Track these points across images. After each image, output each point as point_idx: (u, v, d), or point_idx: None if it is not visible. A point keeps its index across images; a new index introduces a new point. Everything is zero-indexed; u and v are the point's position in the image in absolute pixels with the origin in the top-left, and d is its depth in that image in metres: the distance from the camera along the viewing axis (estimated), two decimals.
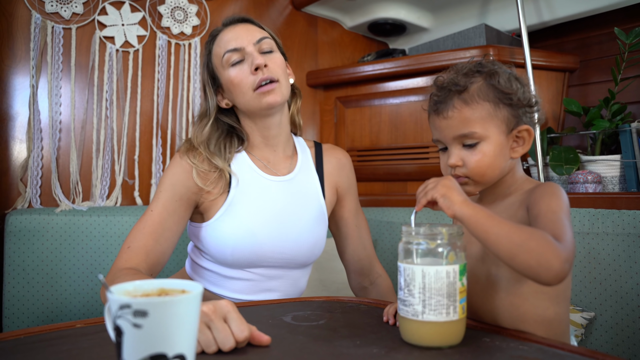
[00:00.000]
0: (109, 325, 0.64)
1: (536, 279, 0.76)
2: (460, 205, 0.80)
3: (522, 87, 0.93)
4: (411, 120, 2.00)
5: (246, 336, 0.76)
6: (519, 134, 0.93)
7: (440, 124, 0.94)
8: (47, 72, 1.77)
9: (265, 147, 1.33)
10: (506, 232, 0.76)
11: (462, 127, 0.91)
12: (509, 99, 0.91)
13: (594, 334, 1.37)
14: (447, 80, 0.94)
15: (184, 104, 2.01)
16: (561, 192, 0.86)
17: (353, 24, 2.41)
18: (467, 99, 0.91)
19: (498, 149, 0.91)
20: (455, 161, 0.93)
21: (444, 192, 0.82)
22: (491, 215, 0.78)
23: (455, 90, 0.92)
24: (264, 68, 1.23)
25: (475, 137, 0.90)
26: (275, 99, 1.24)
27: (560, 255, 0.74)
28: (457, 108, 0.91)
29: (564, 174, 1.73)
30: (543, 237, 0.76)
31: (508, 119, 0.91)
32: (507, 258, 0.77)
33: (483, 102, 0.90)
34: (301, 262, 1.32)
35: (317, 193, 1.36)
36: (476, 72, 0.93)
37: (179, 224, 1.22)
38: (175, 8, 2.00)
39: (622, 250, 1.35)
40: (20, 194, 1.73)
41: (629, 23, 1.88)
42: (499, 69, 0.93)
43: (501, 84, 0.91)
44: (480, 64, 0.95)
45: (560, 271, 0.74)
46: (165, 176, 1.25)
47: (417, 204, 0.87)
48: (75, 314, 1.67)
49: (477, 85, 0.91)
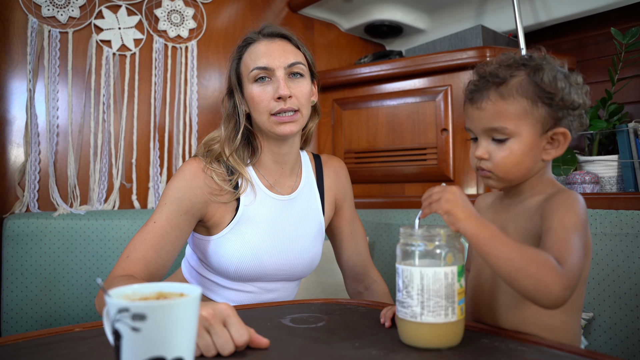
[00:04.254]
0: (107, 329, 0.64)
1: (534, 302, 0.76)
2: (464, 222, 0.78)
3: (569, 88, 0.87)
4: (408, 122, 2.00)
5: (245, 340, 0.76)
6: (554, 136, 0.88)
7: (473, 113, 0.90)
8: (44, 76, 1.77)
9: (273, 164, 1.30)
10: (507, 254, 0.75)
11: (494, 121, 0.87)
12: (550, 99, 0.86)
13: (593, 334, 1.37)
14: (489, 70, 0.90)
15: (181, 107, 2.01)
16: (578, 205, 0.83)
17: (350, 26, 2.42)
18: (504, 93, 0.87)
19: (528, 148, 0.87)
20: (481, 153, 0.89)
21: (447, 209, 0.80)
22: (494, 235, 0.77)
23: (493, 82, 0.88)
24: (287, 99, 1.20)
25: (505, 132, 0.86)
26: (292, 129, 1.22)
27: (560, 282, 0.73)
28: (491, 100, 0.87)
29: (562, 174, 1.73)
30: (544, 262, 0.74)
31: (545, 119, 0.87)
32: (507, 280, 0.76)
33: (520, 98, 0.86)
34: (299, 276, 1.35)
35: (317, 210, 1.37)
36: (521, 65, 0.88)
37: (181, 238, 1.19)
38: (172, 11, 2.01)
39: (620, 251, 1.35)
40: (18, 198, 1.73)
41: (625, 23, 1.89)
42: (546, 65, 0.88)
43: (544, 81, 0.86)
44: (530, 57, 0.90)
45: (559, 298, 0.73)
46: (173, 187, 1.20)
47: (422, 211, 0.85)
48: (74, 318, 1.67)
49: (517, 80, 0.87)
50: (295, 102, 1.22)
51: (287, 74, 1.23)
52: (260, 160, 1.30)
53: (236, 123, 1.27)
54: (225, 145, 1.26)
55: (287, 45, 1.25)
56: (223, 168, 1.24)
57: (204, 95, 2.08)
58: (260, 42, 1.25)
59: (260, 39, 1.26)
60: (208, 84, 2.09)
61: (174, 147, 2.00)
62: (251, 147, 1.30)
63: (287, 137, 1.24)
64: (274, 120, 1.21)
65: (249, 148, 1.30)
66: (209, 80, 2.09)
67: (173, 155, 2.00)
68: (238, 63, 1.28)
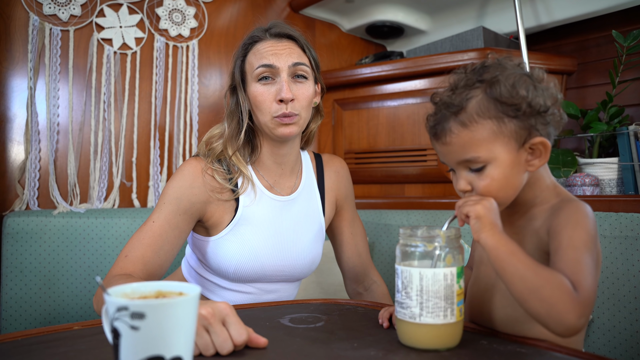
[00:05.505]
0: (106, 328, 0.64)
1: (545, 327, 0.73)
2: (487, 234, 0.76)
3: (533, 92, 0.80)
4: (409, 123, 2.00)
5: (244, 340, 0.76)
6: (533, 147, 0.82)
7: (441, 149, 0.85)
8: (44, 74, 1.77)
9: (272, 164, 1.30)
10: (522, 273, 0.73)
11: (464, 153, 0.81)
12: (516, 110, 0.79)
13: (592, 336, 1.37)
14: (442, 100, 0.84)
15: (182, 106, 2.01)
16: (587, 220, 0.79)
17: (351, 27, 2.42)
18: (464, 121, 0.80)
19: (509, 169, 0.81)
20: (463, 187, 0.84)
21: (480, 214, 0.77)
22: (513, 251, 0.75)
23: (450, 112, 0.82)
24: (289, 103, 1.20)
25: (479, 161, 0.81)
26: (291, 131, 1.22)
27: (574, 310, 0.70)
28: (454, 132, 0.81)
29: (562, 176, 1.73)
30: (560, 287, 0.71)
31: (517, 133, 0.80)
32: (519, 301, 0.74)
33: (484, 121, 0.80)
34: (299, 277, 1.34)
35: (317, 211, 1.36)
36: (475, 82, 0.82)
37: (180, 238, 1.19)
38: (173, 10, 2.01)
39: (619, 253, 1.35)
40: (18, 196, 1.73)
41: (626, 26, 1.89)
42: (501, 75, 0.81)
43: (503, 94, 0.79)
44: (482, 66, 0.84)
45: (572, 327, 0.70)
46: (172, 187, 1.20)
47: (456, 213, 0.82)
48: (73, 316, 1.67)
49: (475, 102, 0.81)
50: (296, 105, 1.21)
51: (291, 76, 1.22)
52: (260, 160, 1.30)
53: (239, 121, 1.27)
54: (229, 144, 1.26)
55: (294, 46, 1.25)
56: (224, 167, 1.24)
57: (204, 95, 2.08)
58: (267, 41, 1.24)
59: (267, 38, 1.25)
60: (209, 83, 2.09)
61: (174, 146, 2.00)
62: (251, 146, 1.30)
63: (287, 138, 1.24)
64: (275, 121, 1.21)
65: (249, 146, 1.30)
66: (210, 79, 2.09)
67: (173, 154, 2.00)
68: (243, 60, 1.27)
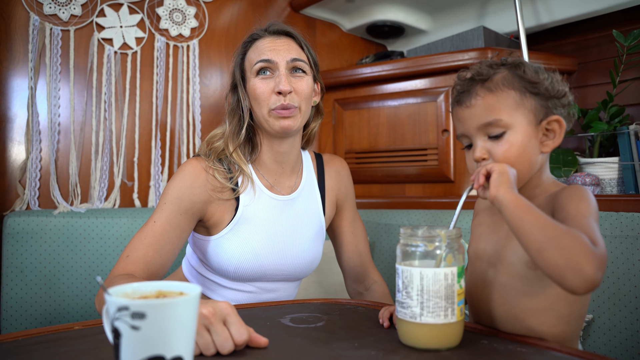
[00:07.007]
0: (107, 327, 0.64)
1: (561, 282, 0.71)
2: (506, 189, 0.77)
3: (550, 78, 0.88)
4: (409, 123, 2.00)
5: (245, 339, 0.76)
6: (549, 126, 0.87)
7: (463, 113, 0.88)
8: (45, 74, 1.77)
9: (273, 164, 1.30)
10: (541, 223, 0.72)
11: (487, 115, 0.85)
12: (536, 88, 0.86)
13: (592, 336, 1.37)
14: (471, 71, 0.90)
15: (183, 105, 2.01)
16: (589, 196, 0.82)
17: (351, 26, 2.42)
18: (491, 87, 0.86)
19: (527, 139, 0.85)
20: (480, 154, 0.86)
21: (503, 170, 0.79)
22: (531, 207, 0.75)
23: (479, 79, 0.88)
24: (288, 94, 1.21)
25: (501, 125, 0.84)
26: (290, 125, 1.22)
27: (594, 261, 0.69)
28: (480, 96, 0.87)
29: (562, 176, 1.73)
30: (579, 238, 0.70)
31: (536, 109, 0.86)
32: (535, 251, 0.72)
33: (508, 90, 0.86)
34: (299, 276, 1.35)
35: (318, 211, 1.37)
36: (501, 64, 0.89)
37: (181, 237, 1.19)
38: (174, 10, 2.01)
39: (620, 253, 1.35)
40: (19, 195, 1.73)
41: (627, 25, 1.89)
42: (525, 61, 0.90)
43: (527, 73, 0.87)
44: (504, 58, 0.91)
45: (592, 279, 0.68)
46: (173, 187, 1.20)
47: (475, 178, 0.83)
48: (74, 316, 1.67)
49: (501, 75, 0.87)
50: (295, 98, 1.22)
51: (289, 70, 1.23)
52: (260, 159, 1.30)
53: (240, 118, 1.28)
54: (230, 141, 1.26)
55: (292, 43, 1.27)
56: (224, 166, 1.25)
57: (205, 94, 2.08)
58: (266, 38, 1.26)
59: (266, 35, 1.27)
60: (210, 83, 2.09)
61: (175, 146, 2.00)
62: (251, 144, 1.31)
63: (286, 132, 1.24)
64: (273, 115, 1.22)
65: (250, 144, 1.30)
66: (211, 79, 2.09)
67: (174, 154, 2.00)
68: (242, 58, 1.29)
